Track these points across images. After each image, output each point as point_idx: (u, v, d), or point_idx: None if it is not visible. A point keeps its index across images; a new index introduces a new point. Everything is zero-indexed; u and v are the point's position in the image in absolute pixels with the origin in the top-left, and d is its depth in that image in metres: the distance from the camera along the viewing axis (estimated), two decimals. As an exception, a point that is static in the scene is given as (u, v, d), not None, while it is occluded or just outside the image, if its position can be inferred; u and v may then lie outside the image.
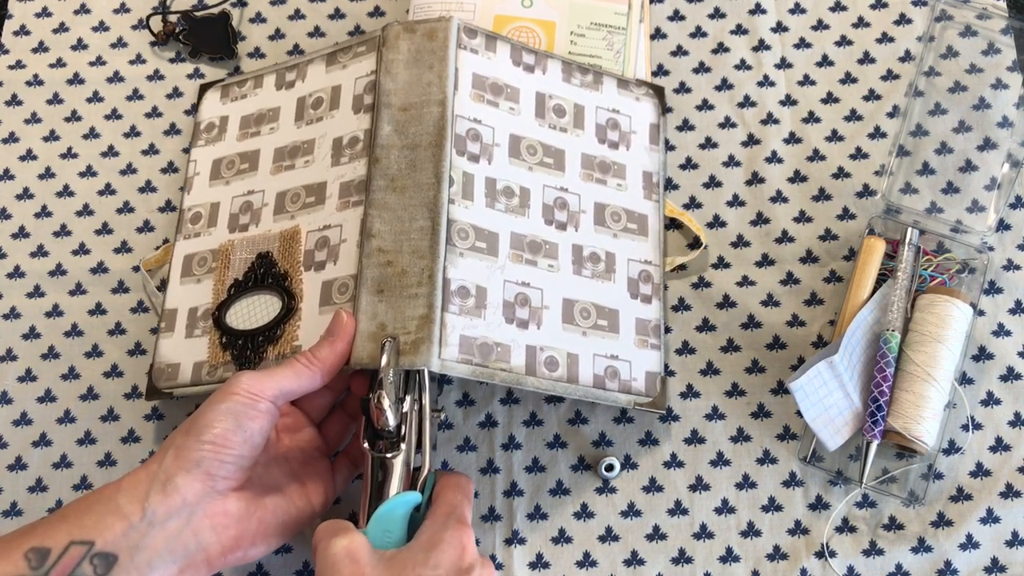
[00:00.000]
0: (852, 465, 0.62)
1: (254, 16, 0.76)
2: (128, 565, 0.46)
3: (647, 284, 0.64)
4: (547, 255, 0.60)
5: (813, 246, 0.68)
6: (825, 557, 0.61)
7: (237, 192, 0.65)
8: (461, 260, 0.56)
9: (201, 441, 0.48)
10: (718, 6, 0.74)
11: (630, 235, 0.64)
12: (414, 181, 0.57)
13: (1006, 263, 0.67)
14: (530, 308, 0.58)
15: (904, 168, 0.69)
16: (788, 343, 0.66)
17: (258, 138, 0.67)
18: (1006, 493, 0.62)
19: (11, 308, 0.68)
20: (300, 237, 0.61)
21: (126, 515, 0.47)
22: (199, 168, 0.68)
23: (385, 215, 0.57)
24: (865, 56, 0.72)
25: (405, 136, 0.58)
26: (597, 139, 0.65)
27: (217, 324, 0.61)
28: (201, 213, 0.66)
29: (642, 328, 0.62)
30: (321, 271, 0.59)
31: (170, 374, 0.62)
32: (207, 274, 0.64)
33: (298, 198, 0.62)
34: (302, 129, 0.65)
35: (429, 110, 0.59)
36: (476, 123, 0.60)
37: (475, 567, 0.49)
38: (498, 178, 0.60)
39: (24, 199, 0.71)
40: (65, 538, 0.46)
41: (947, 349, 0.61)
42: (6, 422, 0.66)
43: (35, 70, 0.75)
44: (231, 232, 0.64)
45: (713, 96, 0.72)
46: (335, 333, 0.53)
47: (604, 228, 0.63)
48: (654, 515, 0.62)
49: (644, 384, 0.61)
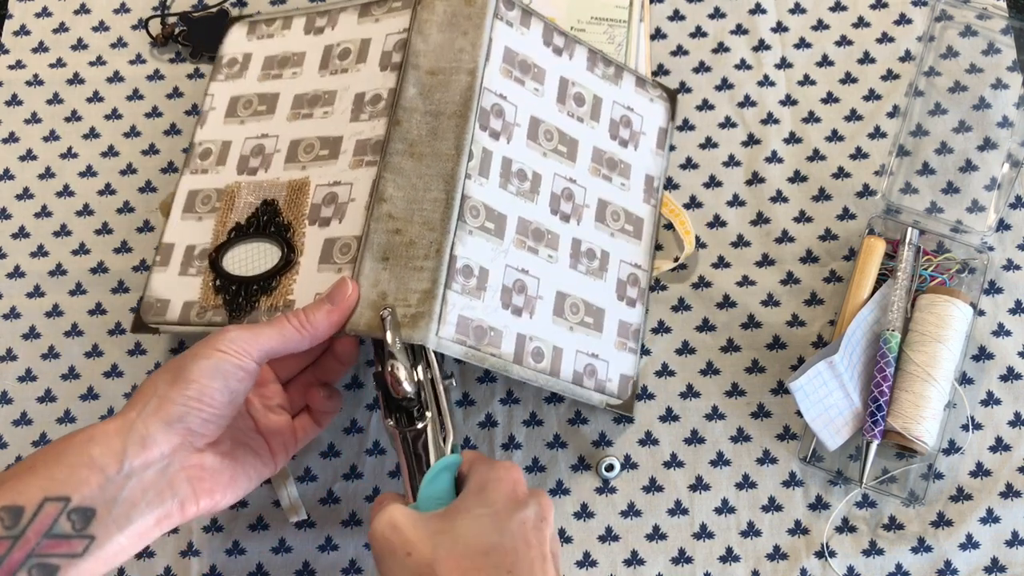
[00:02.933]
0: (852, 465, 0.62)
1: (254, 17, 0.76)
2: (106, 519, 0.45)
3: (634, 288, 0.63)
4: (549, 245, 0.60)
5: (813, 246, 0.68)
6: (825, 557, 0.61)
7: (251, 134, 0.64)
8: (470, 238, 0.55)
9: (186, 396, 0.47)
10: (718, 6, 0.74)
11: (626, 236, 0.64)
12: (433, 149, 0.56)
13: (1006, 263, 0.67)
14: (526, 296, 0.58)
15: (904, 168, 0.69)
16: (788, 343, 0.66)
17: (279, 81, 0.65)
18: (1006, 493, 0.62)
19: (11, 308, 0.68)
20: (308, 189, 0.59)
21: (102, 468, 0.45)
22: (216, 103, 0.67)
23: (399, 180, 0.55)
24: (865, 56, 0.72)
25: (430, 101, 0.57)
26: (610, 134, 0.65)
27: (213, 266, 0.60)
28: (211, 149, 0.65)
29: (623, 331, 0.62)
30: (325, 227, 0.57)
31: (159, 309, 0.61)
32: (209, 213, 0.62)
33: (312, 149, 0.61)
34: (325, 79, 0.63)
35: (458, 78, 0.57)
36: (502, 99, 0.59)
37: (529, 498, 0.48)
38: (514, 159, 0.59)
39: (24, 199, 0.71)
40: (38, 494, 0.44)
41: (947, 349, 0.61)
42: (6, 422, 0.66)
43: (35, 70, 0.75)
44: (239, 174, 0.63)
45: (713, 96, 0.72)
46: (335, 301, 0.52)
47: (603, 226, 0.63)
48: (654, 515, 0.62)
49: (617, 386, 0.61)
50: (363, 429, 0.65)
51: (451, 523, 0.46)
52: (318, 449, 0.64)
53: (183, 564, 0.62)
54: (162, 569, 0.62)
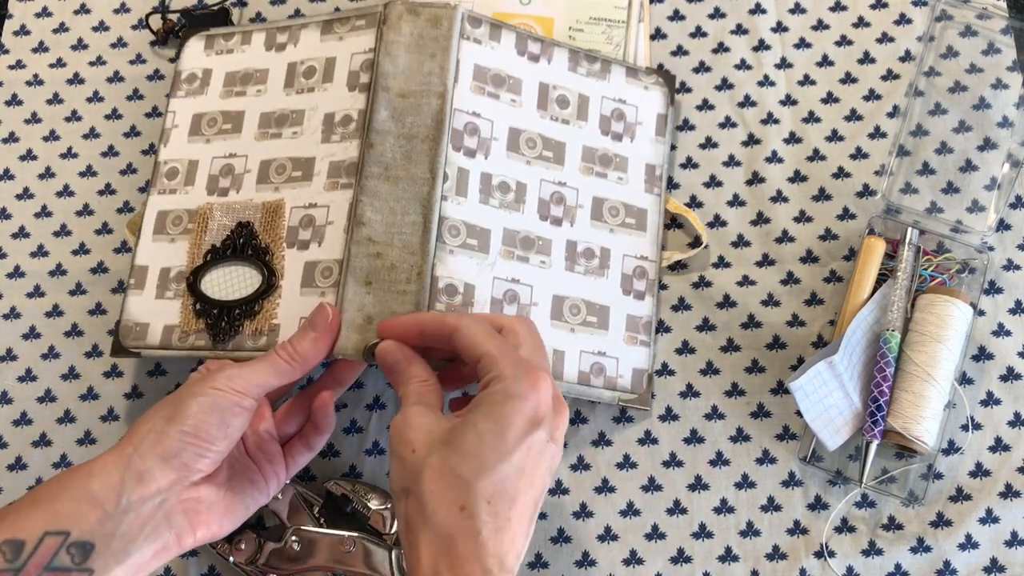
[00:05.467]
0: (852, 465, 0.62)
1: (254, 16, 0.76)
2: (105, 552, 0.46)
3: (641, 280, 0.63)
4: (540, 251, 0.60)
5: (813, 246, 0.68)
6: (824, 557, 0.61)
7: (218, 153, 0.64)
8: (450, 257, 0.56)
9: (183, 432, 0.48)
10: (718, 6, 0.74)
11: (627, 230, 0.64)
12: (408, 173, 0.57)
13: (1006, 263, 0.67)
14: (518, 305, 0.58)
15: (904, 168, 0.69)
16: (788, 343, 0.66)
17: (243, 99, 0.65)
18: (1005, 493, 0.62)
19: (11, 308, 0.68)
20: (284, 211, 0.59)
21: (101, 503, 0.46)
22: (178, 120, 0.66)
23: (376, 204, 0.56)
24: (865, 56, 0.72)
25: (402, 125, 0.57)
26: (600, 131, 0.64)
27: (192, 290, 0.60)
28: (178, 169, 0.64)
29: (632, 325, 0.62)
30: (304, 251, 0.58)
31: (138, 333, 0.61)
32: (182, 235, 0.62)
33: (284, 170, 0.61)
34: (292, 97, 0.63)
35: (428, 101, 0.58)
36: (475, 116, 0.60)
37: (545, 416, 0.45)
38: (494, 173, 0.60)
39: (24, 199, 0.71)
40: (39, 527, 0.45)
41: (947, 349, 0.61)
42: (6, 422, 0.66)
43: (35, 70, 0.75)
44: (209, 195, 0.62)
45: (713, 96, 0.72)
46: (318, 328, 0.53)
47: (601, 223, 0.63)
48: (653, 514, 0.62)
49: (631, 381, 0.61)
50: (363, 429, 0.65)
51: (457, 435, 0.44)
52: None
53: (182, 564, 0.62)
54: (162, 569, 0.62)
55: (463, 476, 0.43)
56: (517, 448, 0.44)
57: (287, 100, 0.63)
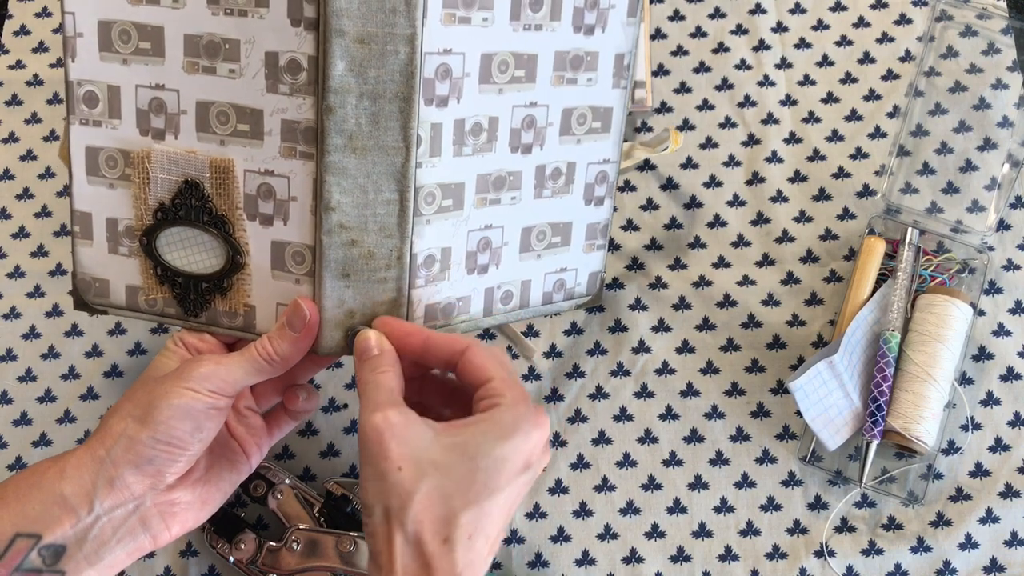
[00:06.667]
0: (851, 465, 0.62)
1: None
2: (77, 555, 0.46)
3: (602, 185, 0.60)
4: (511, 187, 0.56)
5: (813, 246, 0.68)
6: (824, 556, 0.61)
7: (141, 80, 0.53)
8: (427, 228, 0.52)
9: (155, 440, 0.46)
10: (718, 6, 0.74)
11: (593, 136, 0.59)
12: (377, 142, 0.49)
13: (1006, 263, 0.67)
14: (491, 250, 0.56)
15: (904, 168, 0.69)
16: (788, 343, 0.66)
17: (157, 9, 0.52)
18: (1005, 493, 0.62)
19: (11, 308, 0.68)
20: (234, 173, 0.52)
21: (73, 508, 0.46)
22: (80, 26, 0.53)
23: (344, 183, 0.49)
24: (865, 56, 0.72)
25: (364, 80, 0.48)
26: (573, 27, 0.57)
27: (148, 252, 0.54)
28: (96, 95, 0.54)
29: (591, 233, 0.60)
30: (269, 227, 0.52)
31: (99, 290, 0.56)
32: (120, 180, 0.55)
33: (227, 119, 0.52)
34: (219, 18, 0.51)
35: (394, 48, 0.48)
36: (446, 55, 0.51)
37: (533, 457, 0.45)
38: (467, 117, 0.53)
39: (24, 199, 0.71)
40: (10, 529, 0.45)
41: (947, 349, 0.61)
42: (6, 422, 0.66)
43: (35, 70, 0.75)
44: (143, 135, 0.54)
45: (713, 96, 0.72)
46: (296, 328, 0.50)
47: (569, 136, 0.58)
48: (653, 513, 0.62)
49: (586, 286, 0.61)
50: (363, 429, 0.65)
51: (452, 461, 0.43)
52: (317, 449, 0.64)
53: (182, 564, 0.62)
54: (162, 569, 0.62)
55: (453, 508, 0.42)
56: (508, 485, 0.44)
57: (213, 21, 0.51)
